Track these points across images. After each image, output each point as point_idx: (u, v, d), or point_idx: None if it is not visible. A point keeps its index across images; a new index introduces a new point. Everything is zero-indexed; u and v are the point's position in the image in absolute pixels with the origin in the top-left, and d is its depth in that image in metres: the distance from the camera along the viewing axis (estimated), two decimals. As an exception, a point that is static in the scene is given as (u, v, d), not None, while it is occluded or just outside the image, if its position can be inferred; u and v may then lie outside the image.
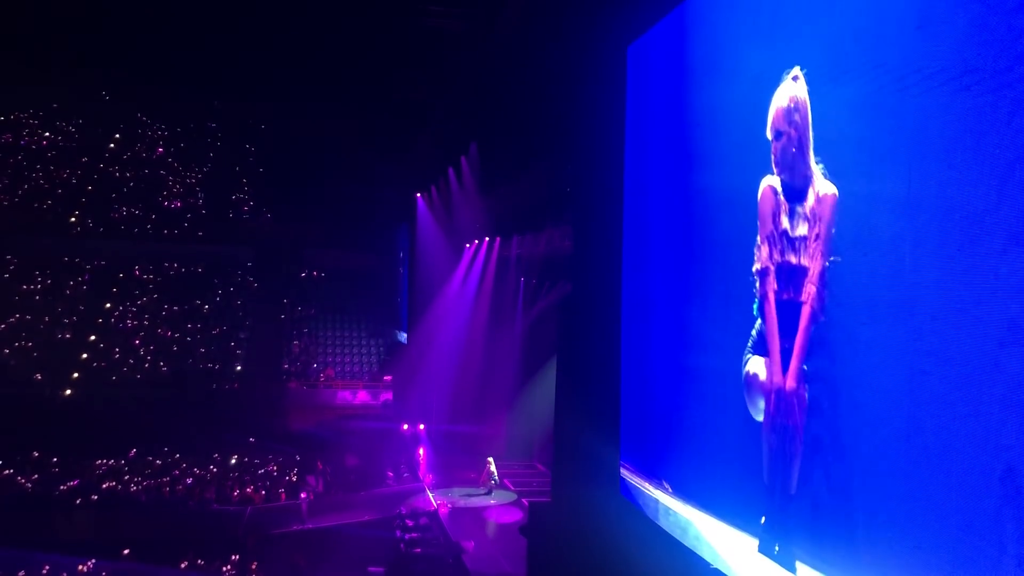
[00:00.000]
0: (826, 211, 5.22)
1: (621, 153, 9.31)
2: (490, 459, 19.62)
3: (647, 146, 8.73)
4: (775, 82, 5.86)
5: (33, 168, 29.50)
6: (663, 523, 7.72)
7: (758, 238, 6.05)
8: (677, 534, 7.37)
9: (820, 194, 5.32)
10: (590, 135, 10.34)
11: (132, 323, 28.88)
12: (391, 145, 25.26)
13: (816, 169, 5.37)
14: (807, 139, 5.52)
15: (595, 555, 9.20)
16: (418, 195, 26.90)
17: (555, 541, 10.75)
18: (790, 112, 5.76)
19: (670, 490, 7.59)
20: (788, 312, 5.62)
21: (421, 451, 22.44)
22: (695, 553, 6.90)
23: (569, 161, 12.67)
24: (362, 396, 28.68)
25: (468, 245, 25.02)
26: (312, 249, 31.65)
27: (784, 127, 5.82)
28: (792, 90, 5.74)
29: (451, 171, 23.20)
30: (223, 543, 16.69)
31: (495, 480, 19.21)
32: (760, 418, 5.98)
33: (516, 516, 17.07)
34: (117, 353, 28.13)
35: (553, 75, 13.12)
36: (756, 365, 6.04)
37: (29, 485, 20.07)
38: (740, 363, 6.26)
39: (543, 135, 15.62)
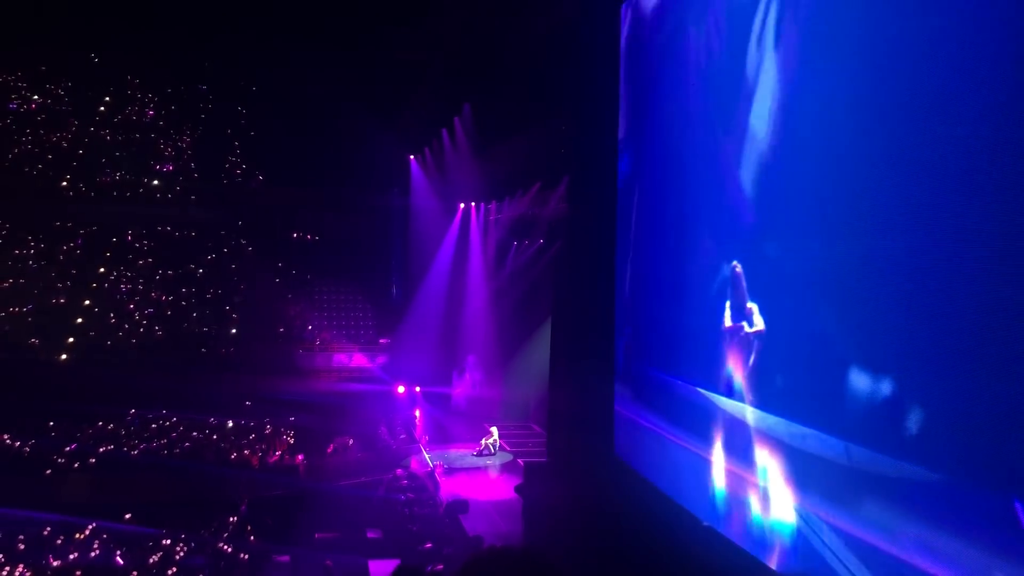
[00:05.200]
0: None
1: (615, 113, 9.25)
2: (493, 429, 19.74)
3: (641, 104, 8.66)
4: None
5: (23, 132, 29.20)
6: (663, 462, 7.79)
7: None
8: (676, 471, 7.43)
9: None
10: (585, 95, 10.26)
11: (126, 287, 28.84)
12: (384, 107, 25.03)
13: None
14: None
15: (589, 513, 9.30)
16: (411, 157, 26.76)
17: (550, 500, 10.86)
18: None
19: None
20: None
21: (417, 412, 22.57)
22: (686, 509, 6.97)
23: (564, 121, 12.60)
24: (358, 359, 28.77)
25: (462, 206, 24.97)
26: (306, 212, 31.48)
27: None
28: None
29: (444, 133, 23.06)
30: (221, 506, 16.79)
31: (494, 449, 19.31)
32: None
33: (512, 476, 17.21)
34: (112, 318, 28.15)
35: (547, 35, 12.99)
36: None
37: (27, 449, 20.14)
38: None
39: (537, 96, 15.52)
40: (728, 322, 6.39)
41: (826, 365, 5.01)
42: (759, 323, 5.90)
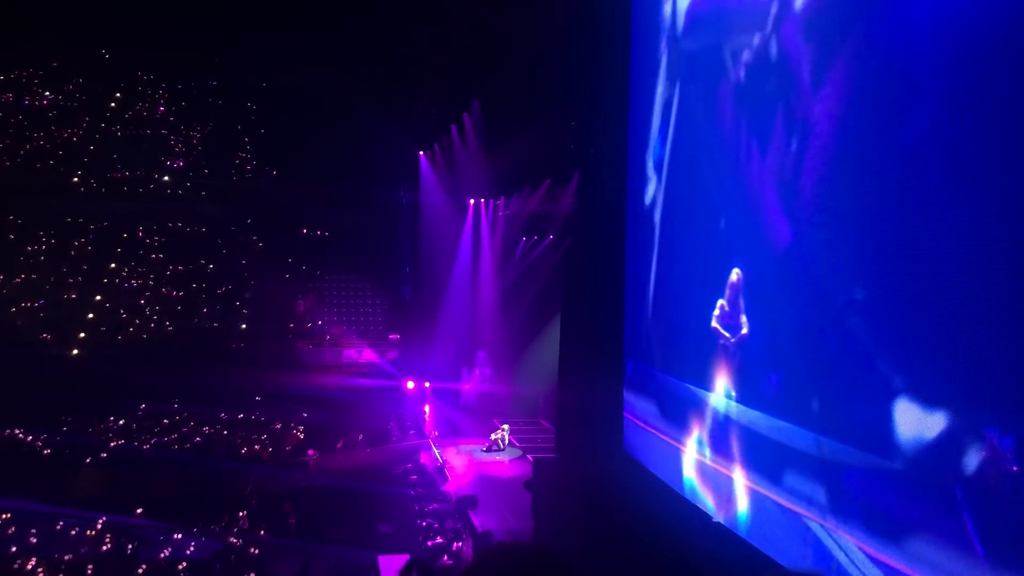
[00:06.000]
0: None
1: (626, 110, 9.24)
2: (505, 426, 19.78)
3: (651, 99, 8.64)
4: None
5: (35, 128, 29.35)
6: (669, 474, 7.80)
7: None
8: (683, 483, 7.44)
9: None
10: (595, 90, 10.25)
11: (137, 283, 28.99)
12: (393, 102, 25.05)
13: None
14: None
15: (598, 509, 9.30)
16: (421, 153, 26.79)
17: (559, 496, 10.86)
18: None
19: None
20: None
21: (427, 408, 22.62)
22: (697, 507, 6.97)
23: (573, 117, 12.58)
24: (368, 354, 28.83)
25: (471, 202, 24.98)
26: (316, 208, 31.54)
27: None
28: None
29: (454, 128, 23.07)
30: (231, 500, 16.89)
31: (503, 445, 19.35)
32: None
33: (521, 471, 17.24)
34: (123, 313, 28.31)
35: (557, 30, 12.98)
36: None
37: (39, 444, 20.28)
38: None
39: (547, 92, 15.50)
40: (714, 323, 6.64)
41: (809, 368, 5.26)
42: (744, 326, 6.14)
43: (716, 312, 6.58)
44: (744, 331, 6.14)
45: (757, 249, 6.04)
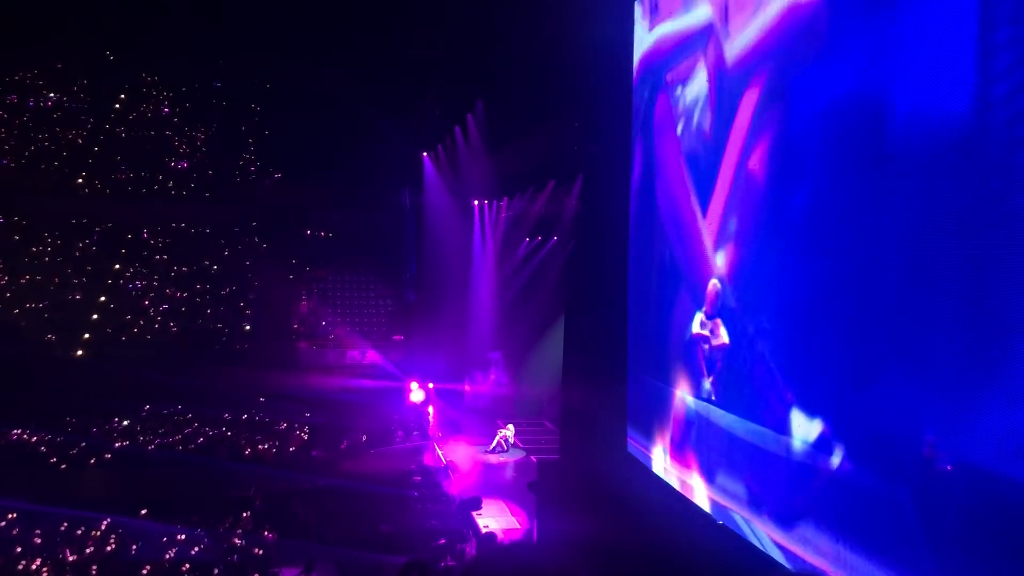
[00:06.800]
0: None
1: (628, 114, 9.24)
2: (510, 426, 19.75)
3: (646, 123, 8.66)
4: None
5: (40, 129, 29.40)
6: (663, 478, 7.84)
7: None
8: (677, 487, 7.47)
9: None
10: (598, 92, 10.25)
11: (141, 284, 29.04)
12: (397, 104, 25.05)
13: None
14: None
15: (602, 510, 9.30)
16: (424, 154, 26.76)
17: (563, 497, 10.86)
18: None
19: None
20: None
21: (430, 409, 22.62)
22: (700, 508, 6.98)
23: (577, 118, 12.58)
24: (371, 355, 28.82)
25: (475, 204, 24.96)
26: (320, 209, 31.56)
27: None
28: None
29: (457, 130, 23.05)
30: (234, 501, 16.88)
31: (507, 446, 19.31)
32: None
33: (525, 473, 17.23)
34: (127, 314, 28.35)
35: (560, 33, 12.98)
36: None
37: (43, 445, 20.29)
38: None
39: (550, 92, 15.49)
40: (696, 328, 7.22)
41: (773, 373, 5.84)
42: (723, 336, 6.70)
43: (696, 322, 7.18)
44: (724, 340, 6.67)
45: (705, 275, 6.96)
